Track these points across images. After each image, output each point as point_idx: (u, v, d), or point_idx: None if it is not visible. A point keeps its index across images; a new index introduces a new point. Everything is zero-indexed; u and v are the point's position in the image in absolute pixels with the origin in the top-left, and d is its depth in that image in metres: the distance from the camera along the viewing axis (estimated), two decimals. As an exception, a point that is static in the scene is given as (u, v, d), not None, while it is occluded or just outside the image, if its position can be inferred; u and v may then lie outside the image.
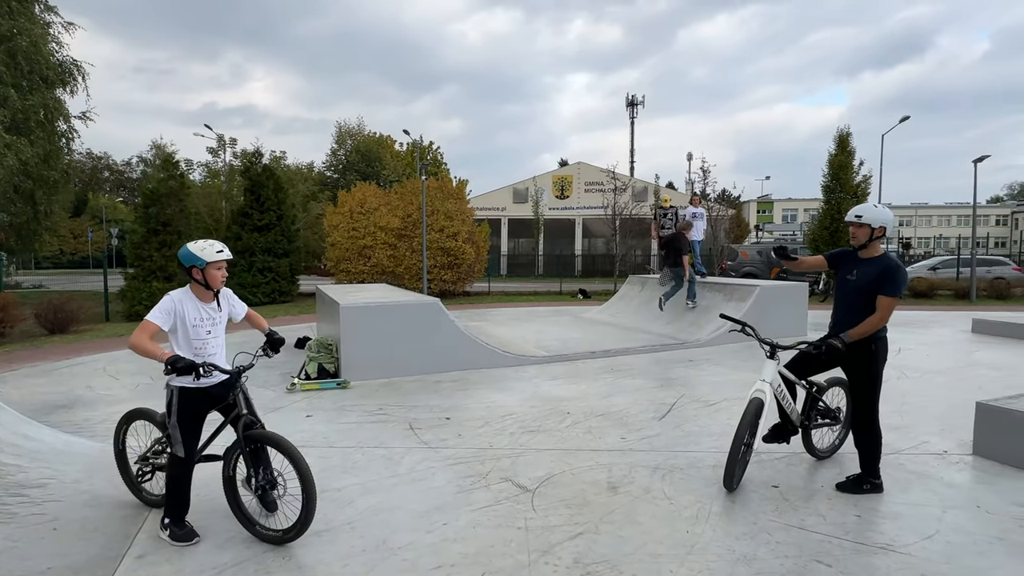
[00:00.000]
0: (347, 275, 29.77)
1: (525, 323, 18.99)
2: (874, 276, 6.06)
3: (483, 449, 7.51)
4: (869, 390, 6.21)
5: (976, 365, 12.59)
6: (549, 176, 59.02)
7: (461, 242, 29.77)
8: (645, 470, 6.83)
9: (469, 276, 30.94)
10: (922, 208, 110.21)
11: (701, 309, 16.24)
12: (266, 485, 5.48)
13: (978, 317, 17.75)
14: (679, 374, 11.68)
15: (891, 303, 5.97)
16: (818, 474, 6.78)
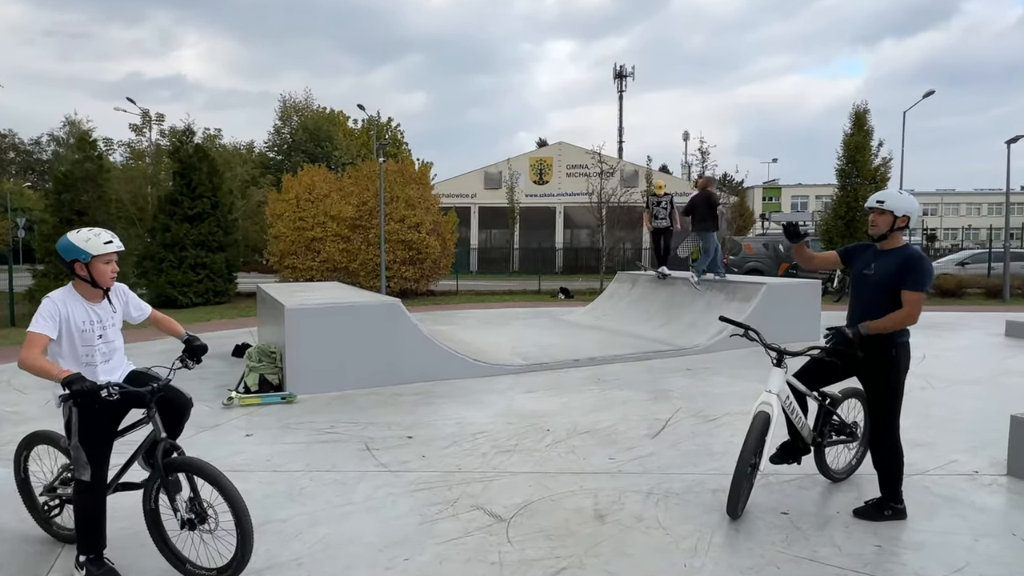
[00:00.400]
0: (293, 272, 29.69)
1: (498, 327, 19.01)
2: (895, 269, 6.07)
3: (450, 472, 7.50)
4: (889, 402, 6.25)
5: (1011, 373, 12.72)
6: (526, 158, 59.13)
7: (425, 234, 29.74)
8: (636, 495, 6.85)
9: (434, 273, 30.89)
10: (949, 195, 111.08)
11: (700, 310, 16.32)
12: (194, 519, 5.38)
13: (1013, 319, 17.92)
14: (675, 385, 11.72)
15: (918, 298, 5.98)
16: (833, 498, 6.82)
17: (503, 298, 30.16)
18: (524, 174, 57.76)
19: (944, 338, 17.12)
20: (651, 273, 19.45)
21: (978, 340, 16.87)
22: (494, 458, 7.96)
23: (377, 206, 29.02)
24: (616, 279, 20.86)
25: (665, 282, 18.44)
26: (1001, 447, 8.03)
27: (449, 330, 17.63)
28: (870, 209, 6.21)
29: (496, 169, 57.92)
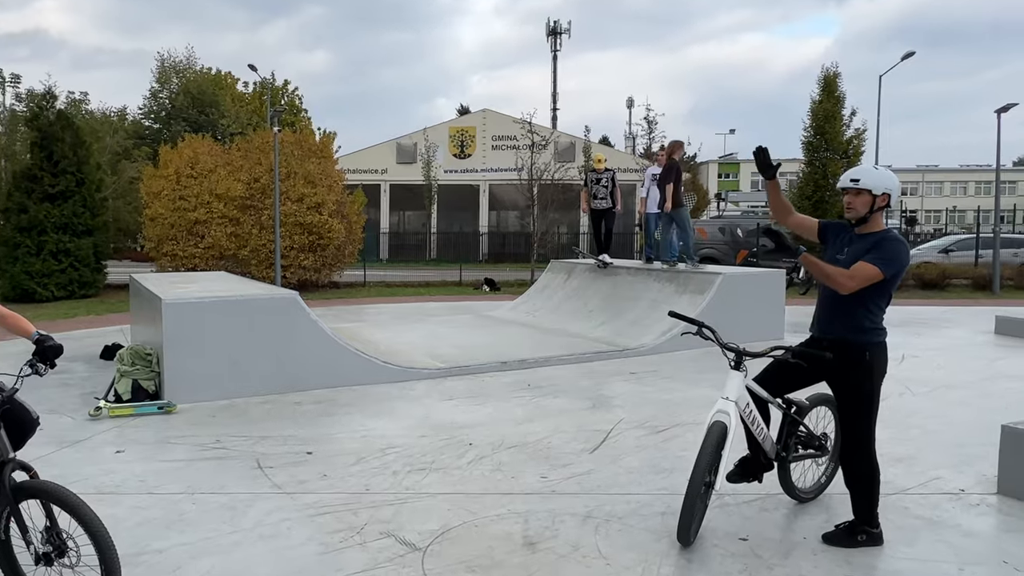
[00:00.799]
0: (172, 260, 29.28)
1: (413, 324, 18.95)
2: (864, 253, 6.06)
3: (357, 494, 7.44)
4: (863, 411, 6.24)
5: (1001, 377, 12.98)
6: (445, 128, 59.03)
7: (327, 216, 29.56)
8: (573, 520, 6.84)
9: (338, 261, 30.74)
10: (931, 172, 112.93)
11: (646, 305, 16.42)
12: (51, 552, 5.25)
13: (1003, 314, 18.27)
14: (617, 391, 11.78)
15: (867, 274, 5.92)
16: (799, 522, 6.87)
17: (418, 291, 30.08)
18: (443, 146, 57.63)
19: (925, 336, 17.43)
20: (590, 261, 19.52)
21: (964, 339, 17.20)
22: (407, 477, 7.91)
23: (271, 183, 28.71)
24: (549, 269, 20.91)
25: (606, 272, 18.52)
26: (990, 462, 8.12)
27: (356, 328, 17.54)
28: (844, 190, 6.18)
29: (410, 141, 57.68)
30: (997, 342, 16.73)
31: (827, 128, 32.09)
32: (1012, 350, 15.62)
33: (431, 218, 56.26)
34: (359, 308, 23.44)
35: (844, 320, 6.19)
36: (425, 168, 55.43)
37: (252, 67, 45.37)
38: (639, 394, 11.55)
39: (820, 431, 7.19)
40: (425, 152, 55.66)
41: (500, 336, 16.59)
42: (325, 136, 33.32)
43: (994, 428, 7.99)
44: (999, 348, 15.94)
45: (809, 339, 6.47)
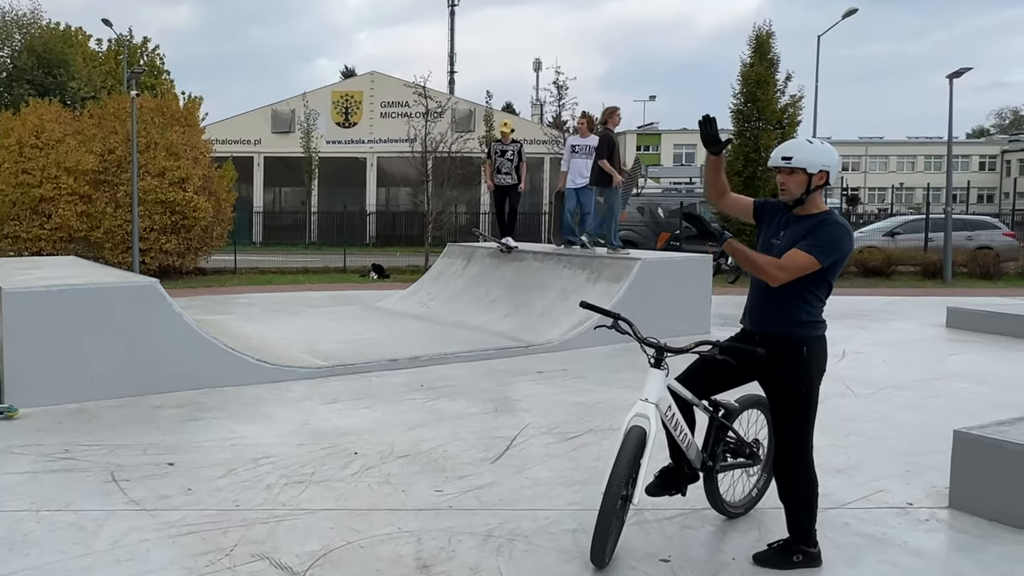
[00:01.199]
0: (14, 243, 28.87)
1: (291, 316, 18.87)
2: (800, 238, 6.00)
3: (226, 511, 7.34)
4: (799, 414, 6.20)
5: (953, 376, 13.23)
6: (328, 92, 58.68)
7: (192, 192, 29.31)
8: (472, 539, 6.81)
9: (205, 245, 30.48)
10: (875, 145, 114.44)
11: (557, 295, 16.47)
12: None
13: (955, 305, 18.62)
14: (523, 392, 11.81)
15: (800, 262, 5.89)
16: (727, 540, 6.91)
17: (297, 278, 29.91)
18: (325, 114, 57.27)
19: (869, 330, 17.72)
20: (492, 245, 19.53)
21: (912, 333, 17.51)
22: (283, 491, 7.84)
23: (128, 155, 28.31)
24: (446, 253, 20.90)
25: (510, 257, 18.55)
26: (941, 472, 8.14)
27: (225, 321, 17.41)
28: (775, 169, 6.10)
29: (288, 107, 57.25)
30: (949, 336, 17.07)
31: (759, 95, 32.26)
32: (965, 345, 15.94)
33: (311, 195, 55.92)
34: (228, 298, 23.24)
35: (778, 312, 6.13)
36: (304, 139, 55.04)
37: (107, 22, 44.68)
38: (547, 396, 11.60)
39: (751, 437, 7.16)
40: (304, 120, 55.27)
41: (390, 330, 16.54)
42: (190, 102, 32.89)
43: (945, 434, 8.02)
44: (951, 343, 16.26)
45: (739, 333, 6.44)
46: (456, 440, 9.46)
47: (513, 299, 17.24)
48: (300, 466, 8.54)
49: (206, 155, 30.71)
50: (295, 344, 14.71)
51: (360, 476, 8.28)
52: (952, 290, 26.73)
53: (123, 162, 28.78)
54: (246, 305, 21.42)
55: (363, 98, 57.84)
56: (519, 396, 11.59)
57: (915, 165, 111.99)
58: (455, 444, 9.32)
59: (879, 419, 10.59)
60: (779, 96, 32.97)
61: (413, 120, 38.90)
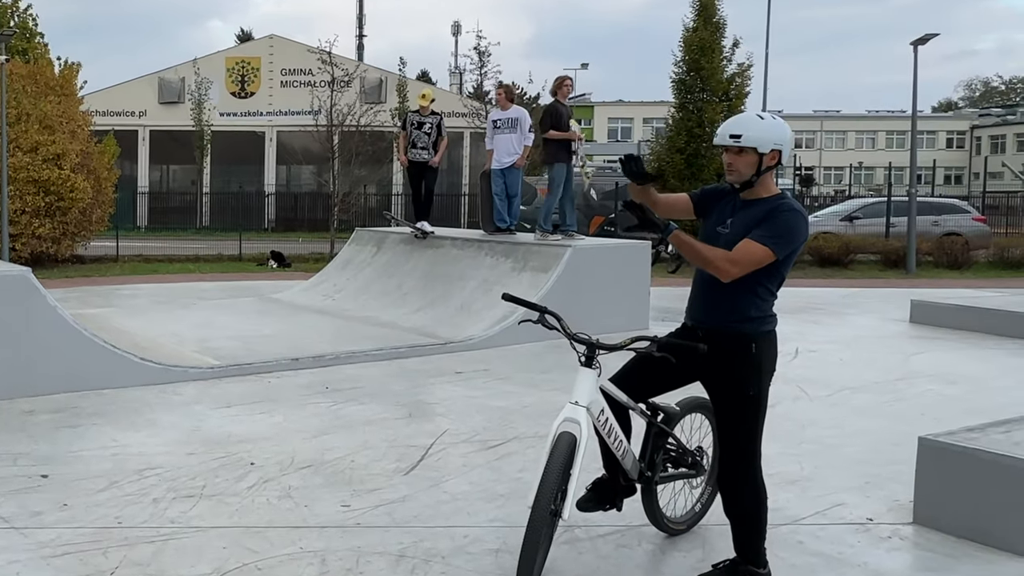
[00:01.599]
0: None
1: (180, 310, 18.74)
2: (754, 225, 5.93)
3: (106, 528, 7.26)
4: (746, 419, 6.14)
5: (918, 376, 13.38)
6: (221, 59, 58.28)
7: (69, 170, 28.97)
8: (383, 560, 6.81)
9: (83, 229, 30.19)
10: (831, 119, 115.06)
11: (478, 286, 16.48)
12: None
13: (920, 298, 18.80)
14: (439, 395, 11.83)
15: (754, 255, 5.84)
16: (668, 560, 6.93)
17: (187, 267, 29.72)
18: (219, 82, 56.86)
19: (825, 325, 17.88)
20: (406, 230, 19.49)
21: (873, 329, 17.70)
22: (171, 506, 7.78)
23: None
24: (354, 240, 20.85)
25: (426, 244, 18.54)
26: (904, 484, 8.16)
27: (106, 315, 17.20)
28: (722, 147, 6.04)
29: (176, 75, 56.77)
30: (913, 332, 17.26)
31: (704, 63, 32.23)
32: (931, 342, 16.14)
33: (203, 174, 55.49)
34: (110, 289, 23.04)
35: (725, 305, 6.06)
36: (195, 110, 54.60)
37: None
38: (467, 399, 11.62)
39: (694, 445, 7.10)
40: (195, 90, 54.85)
41: (291, 325, 16.51)
42: (67, 68, 32.43)
43: (909, 441, 8.02)
44: (915, 340, 16.46)
45: (681, 328, 6.39)
46: (365, 449, 9.44)
47: (429, 291, 17.23)
48: (190, 478, 8.47)
49: (84, 128, 30.42)
50: (185, 341, 14.64)
51: (257, 489, 8.23)
52: (916, 281, 27.03)
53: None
54: (130, 297, 21.26)
55: (261, 65, 57.49)
56: (435, 399, 11.60)
57: (876, 142, 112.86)
58: (364, 453, 9.30)
59: (836, 425, 10.67)
60: (725, 64, 33.07)
61: (317, 90, 38.75)
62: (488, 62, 42.06)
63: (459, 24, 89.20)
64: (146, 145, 56.22)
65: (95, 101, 46.66)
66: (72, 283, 23.92)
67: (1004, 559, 6.86)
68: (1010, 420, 8.22)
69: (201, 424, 10.31)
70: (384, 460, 9.09)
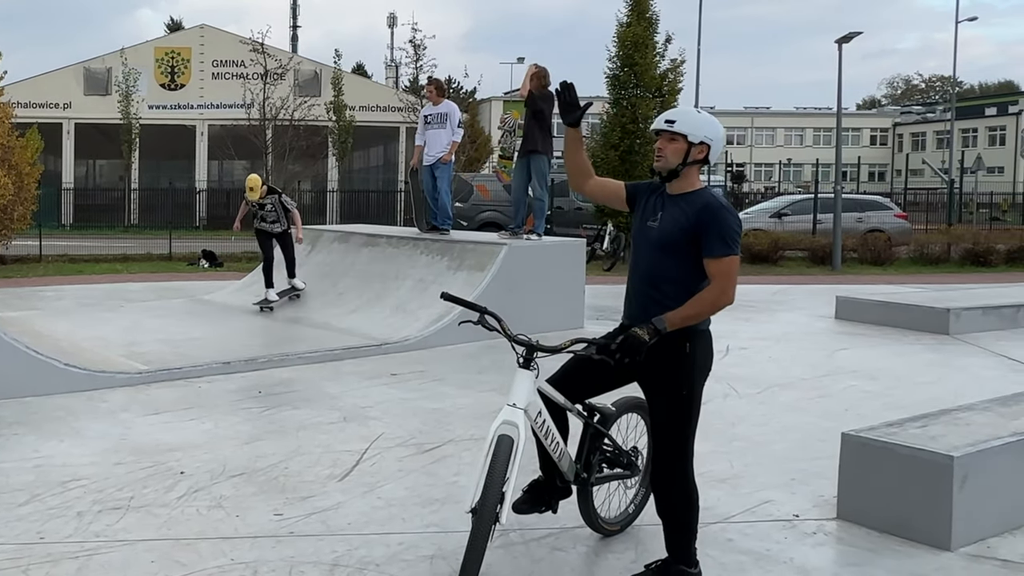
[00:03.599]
0: None
1: (106, 312, 18.63)
2: (687, 224, 6.00)
3: (28, 544, 7.20)
4: (680, 418, 6.18)
5: (841, 372, 13.61)
6: (150, 48, 58.01)
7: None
8: (316, 570, 6.80)
9: (4, 228, 29.98)
10: (761, 116, 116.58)
11: (413, 286, 16.49)
12: None
13: (845, 295, 19.13)
14: (374, 398, 11.81)
15: (731, 266, 5.97)
16: (601, 562, 6.98)
17: (114, 267, 29.53)
18: (147, 73, 56.55)
19: (755, 323, 18.05)
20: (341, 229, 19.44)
21: (800, 325, 17.93)
22: (97, 519, 7.72)
23: (-89, 122, 27.73)
24: (288, 238, 20.78)
25: (361, 243, 18.57)
26: (829, 479, 8.34)
27: (27, 318, 17.11)
28: (658, 132, 6.12)
29: (103, 65, 56.44)
30: (838, 328, 17.55)
31: (637, 58, 32.31)
32: (855, 338, 16.42)
33: (131, 169, 55.15)
34: (32, 291, 22.86)
35: (660, 304, 6.07)
36: (123, 102, 54.27)
37: None
38: (402, 402, 11.63)
39: (630, 445, 7.18)
40: (123, 81, 54.48)
41: (222, 327, 16.48)
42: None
43: (833, 437, 8.23)
44: (840, 336, 16.74)
45: (619, 328, 6.39)
46: (298, 455, 9.43)
47: (364, 291, 17.21)
48: (117, 489, 8.42)
49: (5, 121, 30.15)
50: (111, 345, 14.55)
51: (187, 499, 8.19)
52: (842, 277, 27.60)
53: (-96, 131, 28.18)
54: (53, 299, 21.09)
55: (192, 56, 57.26)
56: (370, 402, 11.58)
57: (804, 139, 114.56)
58: (297, 460, 9.28)
59: (764, 422, 10.85)
60: (659, 60, 33.23)
61: (250, 82, 38.64)
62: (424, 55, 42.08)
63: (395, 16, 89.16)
64: (71, 139, 55.83)
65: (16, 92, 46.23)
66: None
67: (923, 552, 7.06)
68: (927, 415, 8.47)
69: (128, 432, 10.23)
70: (318, 466, 9.08)
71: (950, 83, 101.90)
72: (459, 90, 53.43)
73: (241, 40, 44.46)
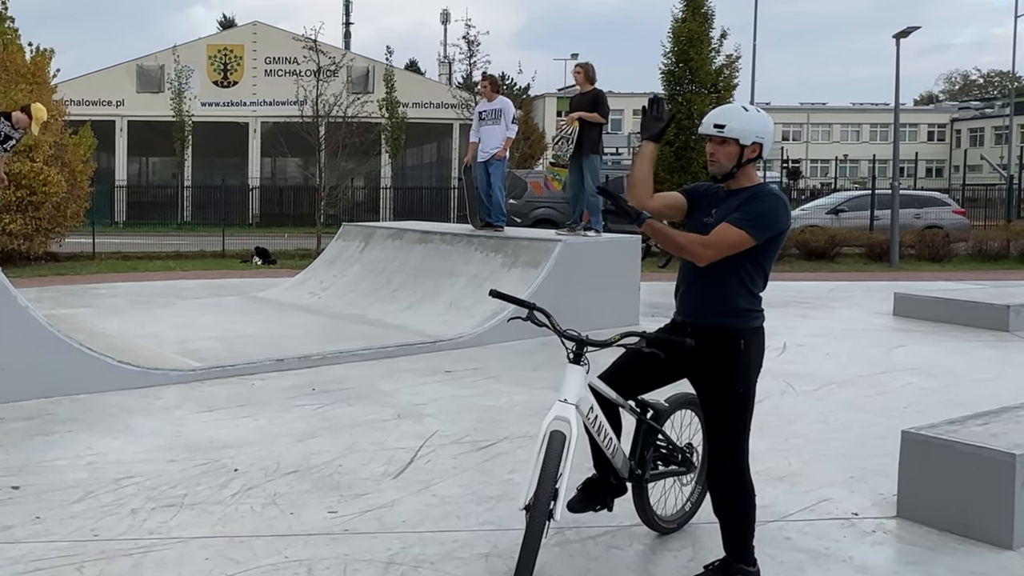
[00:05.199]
0: None
1: (160, 310, 18.69)
2: (732, 212, 6.00)
3: (81, 542, 7.22)
4: (734, 415, 6.18)
5: (900, 369, 13.51)
6: (203, 46, 58.21)
7: (42, 163, 28.81)
8: (370, 568, 6.80)
9: (57, 225, 30.05)
10: (818, 112, 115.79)
11: (468, 283, 16.45)
12: None
13: (903, 291, 18.99)
14: (429, 395, 11.81)
15: (728, 237, 5.87)
16: (658, 561, 6.95)
17: (167, 264, 29.64)
18: (200, 71, 56.79)
19: (812, 319, 17.95)
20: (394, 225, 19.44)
21: (858, 322, 17.80)
22: (151, 517, 7.74)
23: (-36, 120, 27.85)
24: (341, 235, 20.81)
25: (415, 240, 18.50)
26: (888, 477, 8.28)
27: (81, 316, 17.17)
28: (707, 136, 6.07)
29: (156, 62, 56.68)
30: (896, 325, 17.45)
31: (692, 54, 32.31)
32: (913, 335, 16.31)
33: (184, 167, 55.39)
34: (86, 288, 22.98)
35: (712, 299, 6.10)
36: (176, 100, 54.54)
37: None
38: (456, 399, 11.63)
39: (684, 442, 7.15)
40: (176, 78, 54.75)
41: (276, 324, 16.51)
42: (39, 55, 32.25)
43: (893, 435, 8.20)
44: (898, 333, 16.65)
45: (670, 324, 6.43)
46: (352, 453, 9.44)
47: (418, 288, 17.21)
48: (170, 487, 8.43)
49: (58, 119, 30.22)
50: (165, 343, 14.59)
51: (241, 497, 8.21)
52: (899, 274, 27.45)
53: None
54: (107, 297, 21.20)
55: (244, 53, 57.44)
56: (424, 400, 11.58)
57: (860, 135, 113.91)
58: (351, 457, 9.29)
59: (822, 420, 10.79)
60: (714, 56, 33.15)
61: (303, 79, 38.57)
62: (477, 52, 42.07)
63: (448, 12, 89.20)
64: (124, 136, 56.12)
65: (70, 90, 46.55)
66: (45, 282, 23.83)
67: (984, 551, 7.00)
68: (988, 412, 8.40)
69: (182, 429, 10.26)
70: (372, 464, 9.09)
71: (1009, 78, 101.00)
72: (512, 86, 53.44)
73: (294, 37, 44.50)
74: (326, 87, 35.62)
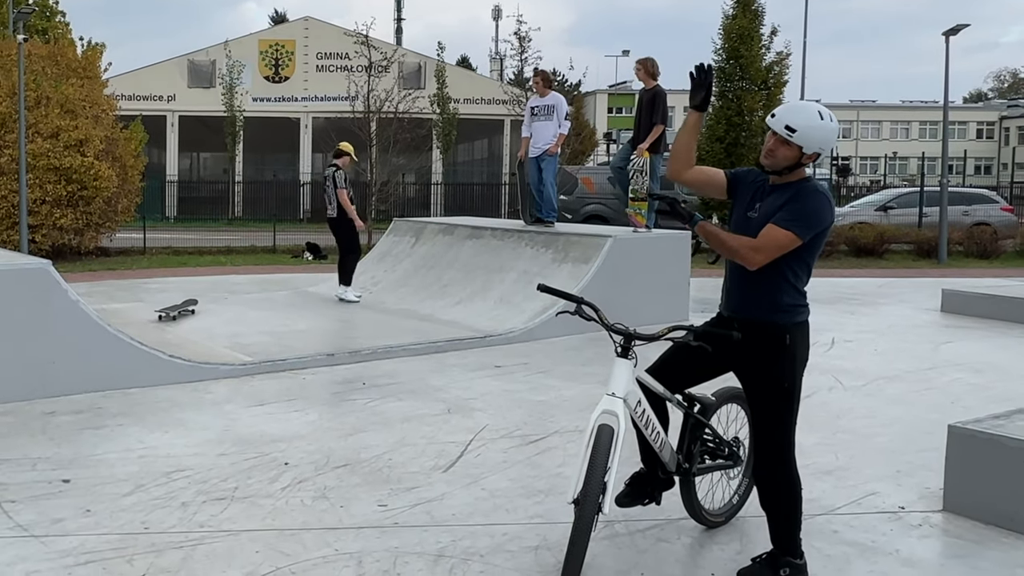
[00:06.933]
0: None
1: (211, 305, 18.67)
2: (778, 209, 6.02)
3: (132, 535, 7.29)
4: (780, 410, 6.21)
5: (947, 365, 13.47)
6: (255, 41, 58.44)
7: (93, 158, 28.98)
8: (421, 561, 6.83)
9: (108, 220, 30.24)
10: (867, 109, 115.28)
11: (518, 278, 16.47)
12: None
13: (951, 287, 18.93)
14: (479, 390, 11.84)
15: (778, 239, 5.91)
16: (706, 554, 6.96)
17: (218, 259, 29.76)
18: (251, 66, 57.00)
19: (860, 315, 17.91)
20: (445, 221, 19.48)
21: (906, 318, 17.74)
22: (201, 510, 7.81)
23: (14, 112, 27.99)
24: (392, 230, 20.85)
25: (466, 235, 18.52)
26: (935, 471, 8.31)
27: (132, 310, 17.34)
28: (772, 130, 6.05)
29: (207, 57, 56.94)
30: (944, 322, 17.40)
31: (743, 51, 32.33)
32: (961, 331, 16.27)
33: (235, 162, 55.61)
34: (136, 283, 23.15)
35: (758, 295, 6.16)
36: (227, 95, 54.76)
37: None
38: (506, 394, 11.65)
39: (731, 436, 7.22)
40: (227, 74, 54.99)
41: (326, 320, 16.58)
42: (90, 49, 32.48)
43: (939, 429, 8.23)
44: (946, 329, 16.61)
45: (716, 318, 6.47)
46: (403, 447, 9.47)
47: (468, 283, 17.23)
48: (221, 480, 8.50)
49: (109, 113, 30.44)
50: (215, 337, 14.66)
51: (291, 490, 8.26)
52: (947, 270, 27.41)
53: (8, 120, 28.44)
54: (157, 291, 21.25)
55: (296, 48, 57.61)
56: (474, 394, 11.61)
57: (909, 132, 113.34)
58: (401, 451, 9.32)
59: (869, 414, 10.79)
60: (764, 53, 33.11)
61: (354, 75, 38.62)
62: (528, 48, 42.01)
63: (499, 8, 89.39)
64: (175, 131, 56.42)
65: (121, 84, 46.77)
66: (96, 277, 24.00)
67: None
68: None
69: (233, 423, 10.33)
70: (422, 458, 9.13)
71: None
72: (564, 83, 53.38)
73: (346, 33, 44.55)
74: (377, 83, 35.70)
